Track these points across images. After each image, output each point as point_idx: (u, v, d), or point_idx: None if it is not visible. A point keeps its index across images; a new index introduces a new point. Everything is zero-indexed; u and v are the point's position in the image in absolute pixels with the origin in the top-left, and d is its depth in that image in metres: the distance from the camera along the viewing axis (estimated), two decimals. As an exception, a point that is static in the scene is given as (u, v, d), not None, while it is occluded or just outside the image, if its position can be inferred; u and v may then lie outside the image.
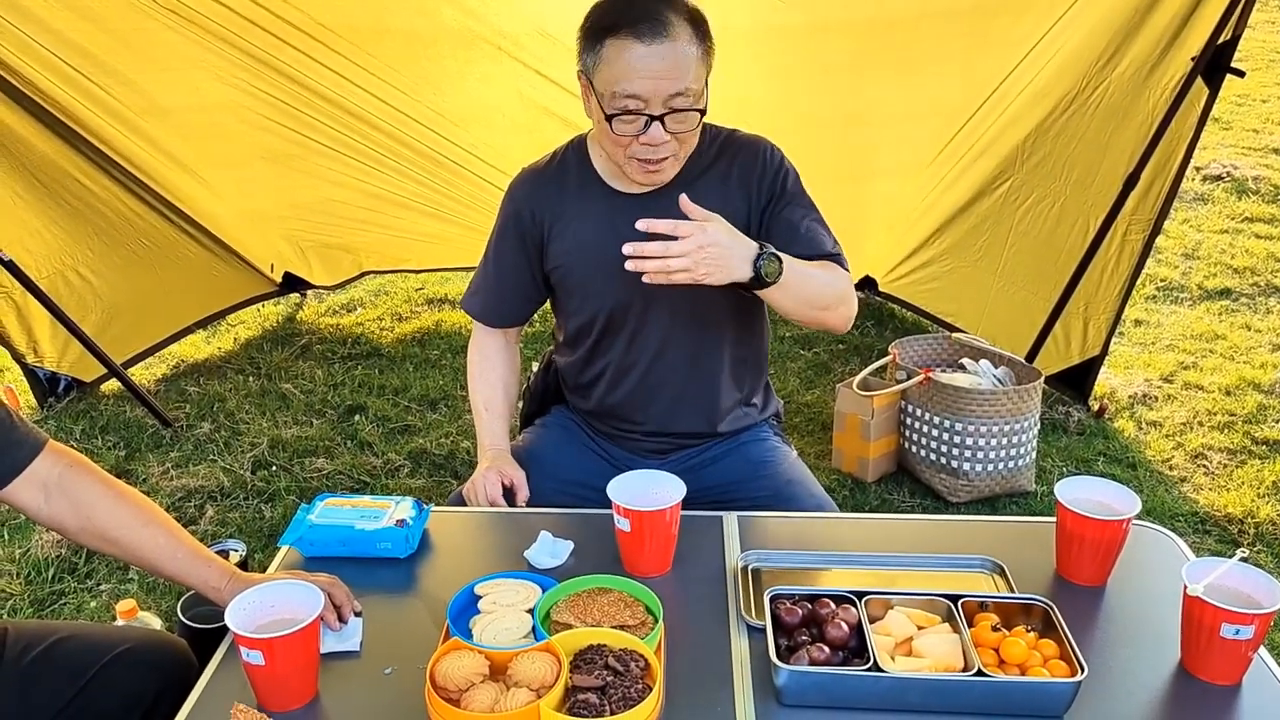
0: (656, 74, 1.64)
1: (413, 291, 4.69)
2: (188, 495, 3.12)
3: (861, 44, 3.27)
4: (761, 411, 2.09)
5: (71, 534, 1.50)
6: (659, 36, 1.62)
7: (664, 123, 1.68)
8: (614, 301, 1.89)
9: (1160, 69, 3.03)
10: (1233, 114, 7.42)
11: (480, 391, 2.04)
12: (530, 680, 1.25)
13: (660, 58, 1.63)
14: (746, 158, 1.86)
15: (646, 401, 1.98)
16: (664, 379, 1.95)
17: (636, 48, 1.63)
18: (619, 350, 1.95)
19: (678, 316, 1.89)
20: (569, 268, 1.92)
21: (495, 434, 2.01)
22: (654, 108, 1.66)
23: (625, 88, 1.65)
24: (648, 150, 1.71)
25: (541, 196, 1.90)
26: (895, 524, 1.88)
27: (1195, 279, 4.77)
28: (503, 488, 1.89)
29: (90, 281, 3.60)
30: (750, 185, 1.85)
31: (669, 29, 1.63)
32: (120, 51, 3.19)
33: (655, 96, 1.65)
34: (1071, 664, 1.32)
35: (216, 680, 1.40)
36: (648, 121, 1.67)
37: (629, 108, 1.67)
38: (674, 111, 1.67)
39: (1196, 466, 3.28)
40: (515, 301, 2.03)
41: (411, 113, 3.56)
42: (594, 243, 1.86)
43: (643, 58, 1.63)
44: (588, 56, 1.70)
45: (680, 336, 1.91)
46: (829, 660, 1.34)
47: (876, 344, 4.06)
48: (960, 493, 3.07)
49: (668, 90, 1.65)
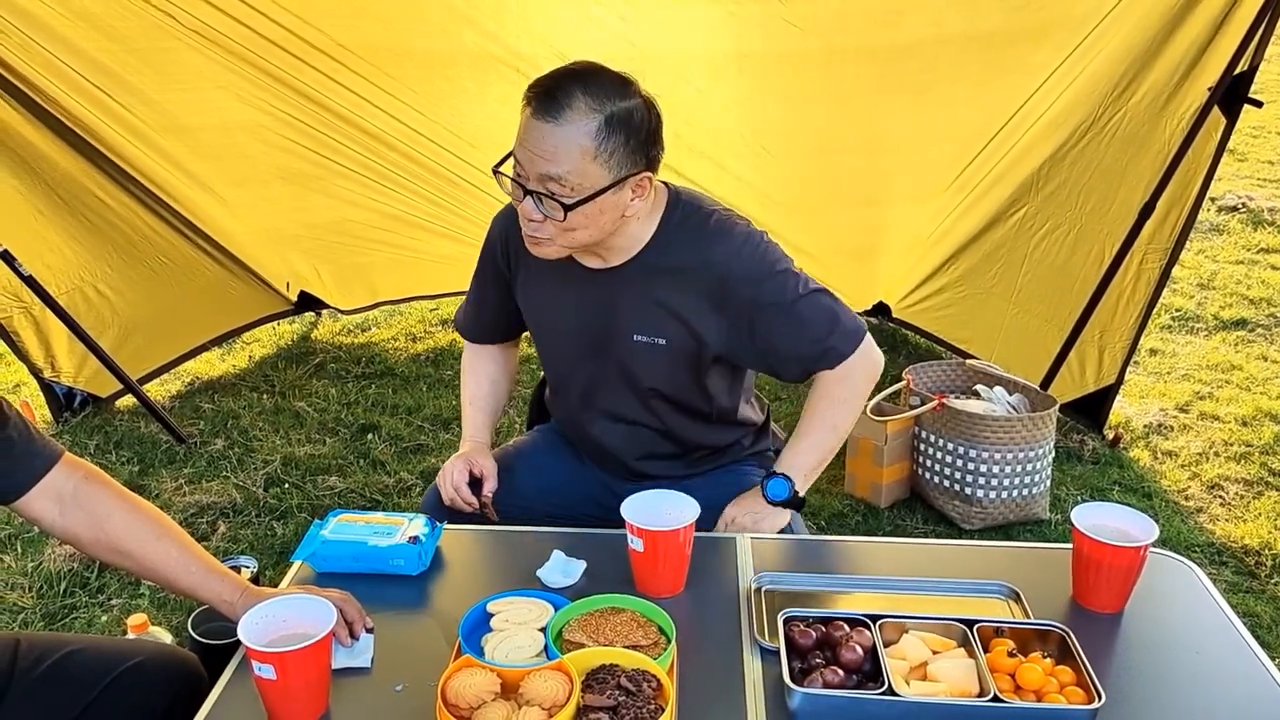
0: (534, 149, 1.60)
1: (427, 312, 4.71)
2: (200, 511, 3.13)
3: (878, 70, 3.28)
4: (749, 449, 2.05)
5: (85, 546, 1.50)
6: (549, 115, 1.57)
7: (537, 199, 1.63)
8: (565, 364, 1.94)
9: (1177, 98, 3.03)
10: (1248, 145, 7.42)
11: (468, 386, 2.08)
12: (542, 699, 1.24)
13: (542, 136, 1.58)
14: (707, 263, 1.74)
15: (608, 449, 1.98)
16: (625, 434, 1.95)
17: (531, 118, 1.60)
18: (576, 401, 1.96)
19: (633, 388, 1.87)
20: (528, 313, 1.96)
21: (476, 426, 2.03)
22: (529, 182, 1.62)
23: (516, 149, 1.64)
24: (524, 220, 1.68)
25: (515, 237, 1.84)
26: (910, 548, 1.87)
27: (1211, 309, 4.75)
28: (470, 476, 1.90)
29: (108, 298, 3.62)
30: (712, 301, 1.75)
31: (564, 113, 1.57)
32: (143, 70, 3.22)
33: (530, 171, 1.61)
34: (1089, 691, 1.30)
35: (228, 694, 1.40)
36: (524, 192, 1.64)
37: (516, 171, 1.65)
38: (544, 194, 1.62)
39: (1213, 497, 3.26)
40: (494, 326, 2.07)
41: (429, 134, 3.59)
42: (547, 301, 1.89)
43: (530, 129, 1.60)
44: None
45: (633, 402, 1.90)
46: (843, 683, 1.33)
47: (890, 369, 4.00)
48: (974, 520, 3.05)
49: (540, 169, 1.60)
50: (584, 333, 1.85)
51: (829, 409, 1.84)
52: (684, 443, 1.96)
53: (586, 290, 1.81)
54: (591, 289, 1.80)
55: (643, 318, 1.79)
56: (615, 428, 1.94)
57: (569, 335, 1.88)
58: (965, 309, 3.93)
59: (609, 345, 1.83)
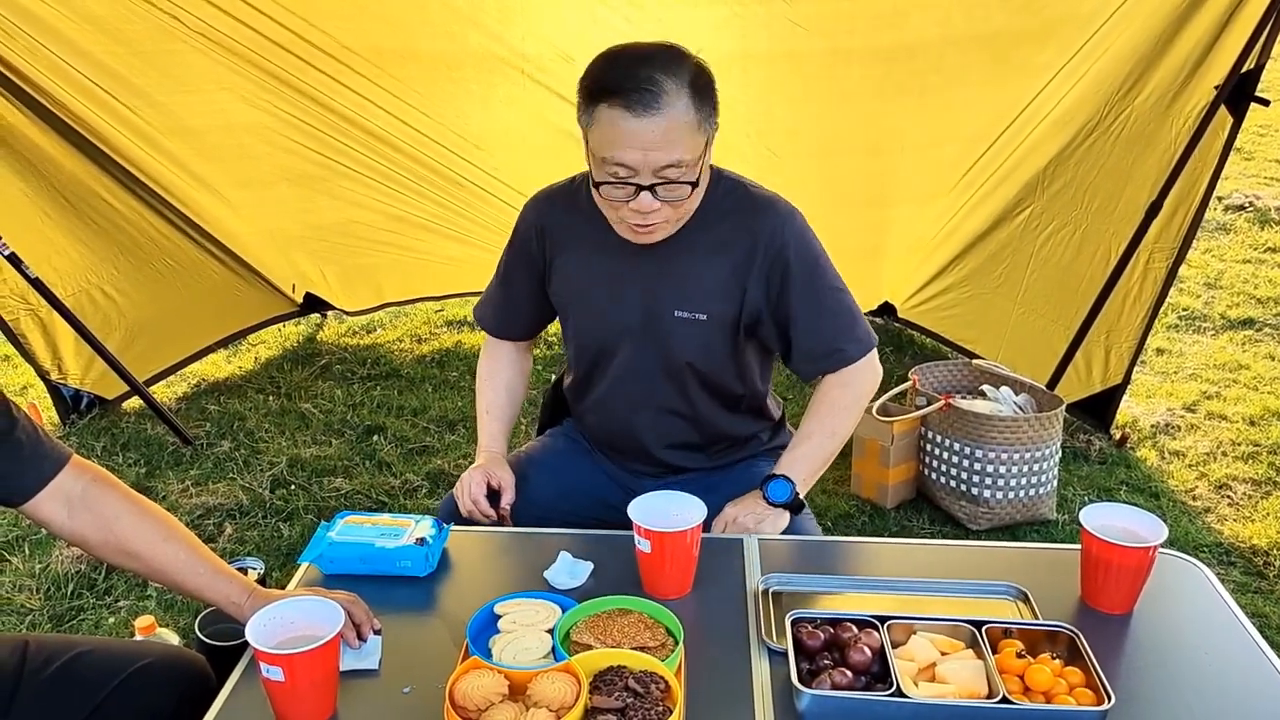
0: (646, 146, 1.58)
1: (432, 313, 4.71)
2: (207, 513, 3.13)
3: (883, 70, 3.28)
4: (766, 444, 2.07)
5: (94, 548, 1.50)
6: (650, 109, 1.56)
7: (655, 191, 1.64)
8: (603, 344, 1.92)
9: (1183, 97, 3.03)
10: (1256, 144, 7.40)
11: (484, 394, 2.06)
12: (550, 701, 1.24)
13: (651, 131, 1.57)
14: (751, 232, 1.78)
15: (636, 435, 1.98)
16: (653, 419, 1.95)
17: (628, 119, 1.57)
18: (607, 386, 1.95)
19: (669, 368, 1.88)
20: (565, 297, 1.94)
21: (492, 435, 2.01)
22: (643, 178, 1.62)
23: (615, 155, 1.61)
24: (637, 215, 1.68)
25: (552, 221, 1.90)
26: (918, 549, 1.86)
27: (1218, 308, 4.74)
28: (488, 488, 1.89)
29: (114, 300, 3.63)
30: (752, 269, 1.79)
31: (662, 100, 1.56)
32: (148, 73, 3.23)
33: (645, 168, 1.61)
34: (1098, 692, 1.30)
35: (235, 696, 1.40)
36: (636, 189, 1.63)
37: (619, 175, 1.63)
38: (665, 183, 1.63)
39: (1220, 497, 3.25)
40: (523, 318, 2.05)
41: (434, 135, 3.59)
42: (588, 282, 1.88)
43: (633, 131, 1.57)
44: (583, 115, 1.66)
45: (666, 384, 1.90)
46: (851, 685, 1.32)
47: (896, 370, 4.04)
48: (980, 520, 3.04)
49: (658, 162, 1.60)
50: (624, 310, 1.85)
51: (830, 414, 1.87)
52: (710, 431, 1.97)
53: (631, 266, 1.79)
54: (637, 263, 1.79)
55: (685, 292, 1.80)
56: (645, 413, 1.94)
57: (608, 314, 1.87)
58: (971, 309, 3.93)
59: (649, 322, 1.83)
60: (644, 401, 1.93)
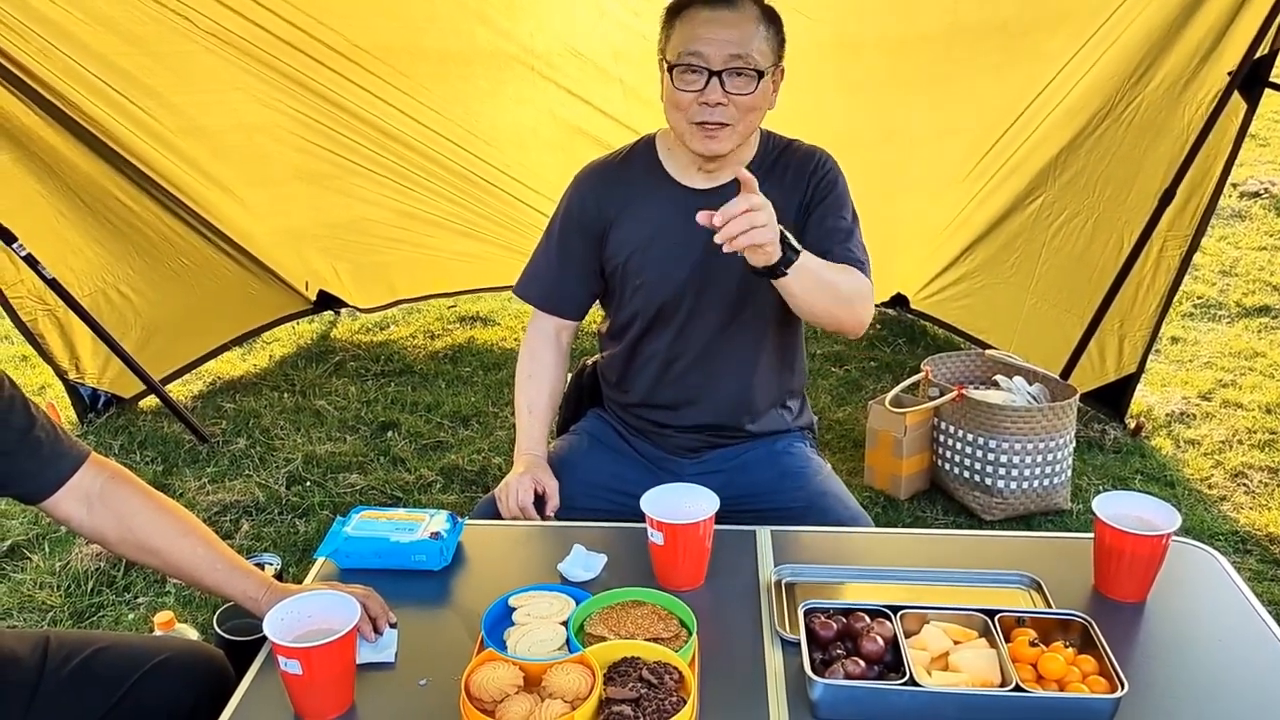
0: (718, 35, 1.73)
1: (445, 309, 4.73)
2: (223, 510, 3.15)
3: (893, 61, 3.27)
4: (795, 419, 2.10)
5: (112, 545, 1.52)
6: (725, 3, 1.74)
7: (723, 81, 1.74)
8: (668, 293, 1.93)
9: (1195, 84, 3.01)
10: (1271, 130, 7.34)
11: (526, 392, 2.06)
12: (565, 692, 1.25)
13: (723, 22, 1.74)
14: (802, 161, 1.93)
15: (686, 393, 2.00)
16: (706, 372, 1.98)
17: (703, 12, 1.75)
18: (665, 341, 1.97)
19: (726, 310, 1.93)
20: (628, 256, 1.95)
21: (534, 439, 2.02)
22: (714, 64, 1.74)
23: (689, 47, 1.75)
24: (705, 111, 1.76)
25: (606, 189, 1.96)
26: (930, 539, 1.87)
27: (1233, 296, 4.71)
28: (535, 495, 1.90)
29: (130, 299, 3.66)
30: (801, 187, 1.91)
31: (736, 2, 1.75)
32: (161, 74, 3.25)
33: (716, 55, 1.73)
34: (1111, 680, 1.30)
35: (254, 690, 1.41)
36: (708, 78, 1.74)
37: (691, 64, 1.75)
38: (733, 72, 1.74)
39: (1237, 485, 3.23)
40: (575, 288, 2.05)
41: (445, 132, 3.60)
42: (656, 233, 1.91)
43: (706, 21, 1.74)
44: (663, 39, 1.82)
45: (726, 331, 1.94)
46: (864, 674, 1.33)
47: (908, 361, 4.04)
48: (994, 510, 3.04)
49: (728, 51, 1.73)
50: (687, 256, 1.88)
51: (846, 271, 1.81)
52: (756, 386, 2.00)
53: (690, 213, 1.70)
54: (706, 203, 1.71)
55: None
56: (696, 372, 1.97)
57: (672, 264, 1.90)
58: (983, 299, 3.92)
59: (714, 265, 1.84)
60: (704, 349, 1.96)
